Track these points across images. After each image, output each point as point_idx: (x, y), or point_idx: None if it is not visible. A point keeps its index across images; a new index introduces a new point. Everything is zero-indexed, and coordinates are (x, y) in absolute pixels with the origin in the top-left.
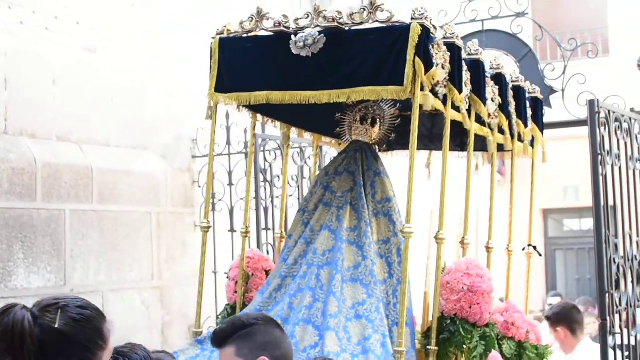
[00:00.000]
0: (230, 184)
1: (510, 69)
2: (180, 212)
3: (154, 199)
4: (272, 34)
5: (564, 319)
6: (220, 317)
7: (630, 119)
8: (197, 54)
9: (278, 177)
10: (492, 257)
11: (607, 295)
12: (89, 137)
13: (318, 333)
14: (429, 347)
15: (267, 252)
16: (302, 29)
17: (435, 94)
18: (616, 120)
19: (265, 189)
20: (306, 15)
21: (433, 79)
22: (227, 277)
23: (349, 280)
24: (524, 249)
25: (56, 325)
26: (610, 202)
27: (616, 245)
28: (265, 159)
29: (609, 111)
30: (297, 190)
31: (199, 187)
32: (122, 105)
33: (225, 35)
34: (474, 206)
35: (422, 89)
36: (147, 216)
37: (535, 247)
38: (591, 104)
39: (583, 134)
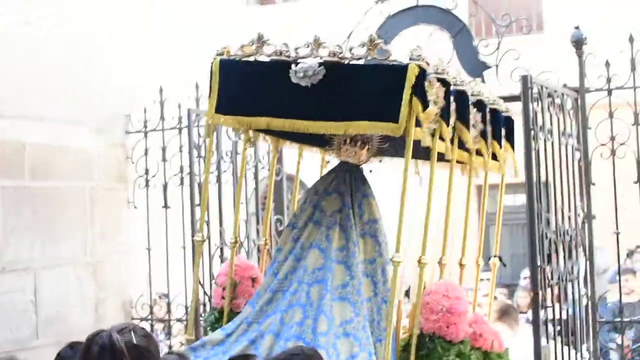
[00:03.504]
0: (164, 160)
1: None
2: (113, 187)
3: (87, 174)
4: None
5: (505, 315)
6: (208, 320)
7: (562, 94)
8: (133, 26)
9: (212, 152)
10: (464, 272)
11: (539, 269)
12: (21, 111)
13: None
14: None
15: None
16: (302, 58)
17: (420, 126)
18: (549, 95)
19: (199, 164)
20: (306, 45)
21: (429, 117)
22: (215, 283)
23: (337, 298)
24: (489, 259)
25: (135, 342)
26: (543, 178)
27: (548, 220)
28: (199, 134)
29: (541, 86)
30: (232, 166)
31: (132, 162)
32: (56, 79)
33: (225, 57)
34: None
35: (418, 125)
36: (80, 191)
37: (500, 258)
38: (524, 79)
39: (516, 110)
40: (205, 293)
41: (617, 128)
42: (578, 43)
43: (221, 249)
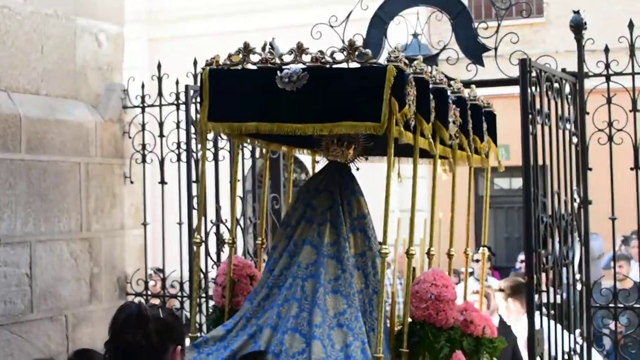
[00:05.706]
0: (161, 135)
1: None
2: (109, 163)
3: (84, 149)
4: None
5: (517, 292)
6: (210, 319)
7: (561, 79)
8: (129, 3)
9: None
10: (452, 262)
11: (534, 253)
12: (17, 84)
13: (305, 341)
14: (401, 349)
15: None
16: (287, 64)
17: (407, 126)
18: (547, 80)
19: (196, 140)
20: (290, 52)
21: (405, 116)
22: (215, 283)
23: (331, 291)
24: (478, 250)
25: (162, 316)
26: (540, 162)
27: (544, 204)
28: (196, 111)
29: (540, 71)
30: (229, 143)
31: (130, 138)
32: (52, 53)
33: (214, 67)
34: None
35: (396, 124)
36: (76, 166)
37: (489, 248)
38: (523, 63)
39: (514, 93)
40: (201, 271)
41: (615, 114)
42: (577, 28)
43: (217, 227)
